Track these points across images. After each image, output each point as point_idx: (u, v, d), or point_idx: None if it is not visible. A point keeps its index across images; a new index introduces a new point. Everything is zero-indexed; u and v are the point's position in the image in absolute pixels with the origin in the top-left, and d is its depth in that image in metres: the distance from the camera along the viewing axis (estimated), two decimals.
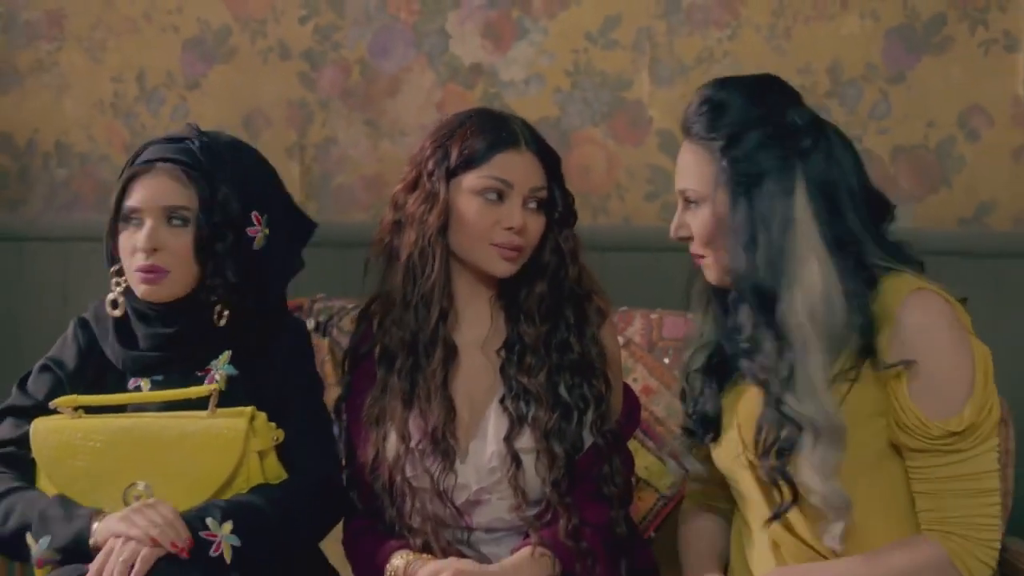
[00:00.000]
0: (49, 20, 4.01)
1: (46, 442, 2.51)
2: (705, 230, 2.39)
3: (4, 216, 4.07)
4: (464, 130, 2.61)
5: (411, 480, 2.53)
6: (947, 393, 2.29)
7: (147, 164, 2.60)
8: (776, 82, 2.50)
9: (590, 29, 3.76)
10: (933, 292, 2.33)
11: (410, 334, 2.59)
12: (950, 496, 2.30)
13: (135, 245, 2.57)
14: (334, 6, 3.86)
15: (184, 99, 3.95)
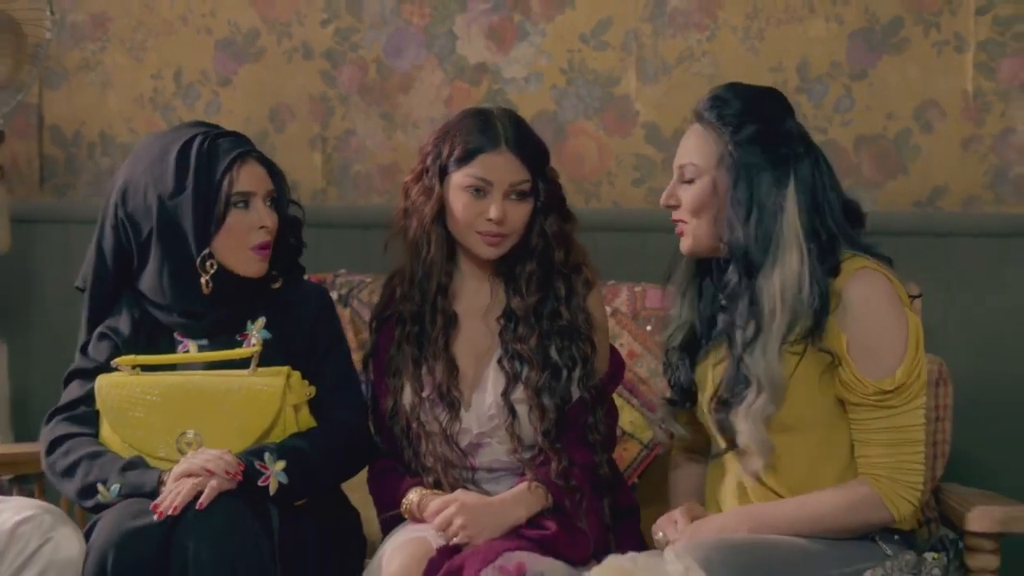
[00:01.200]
0: (94, 23, 4.14)
1: (108, 395, 2.78)
2: (696, 201, 2.63)
3: (53, 201, 4.19)
4: (455, 132, 2.82)
5: (424, 425, 2.79)
6: (882, 357, 2.53)
7: (244, 155, 2.81)
8: (779, 95, 2.73)
9: (583, 31, 3.87)
10: (875, 270, 2.58)
11: (416, 305, 2.84)
12: (881, 445, 2.54)
13: (251, 224, 2.78)
14: (353, 10, 3.98)
15: (217, 94, 4.07)
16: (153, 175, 2.79)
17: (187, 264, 2.79)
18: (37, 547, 2.52)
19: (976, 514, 2.65)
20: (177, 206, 2.78)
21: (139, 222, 2.81)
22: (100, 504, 2.68)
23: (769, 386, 2.53)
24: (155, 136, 2.95)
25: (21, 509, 2.57)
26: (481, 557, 2.52)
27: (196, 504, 2.55)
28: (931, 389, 3.00)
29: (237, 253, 2.79)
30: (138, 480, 2.66)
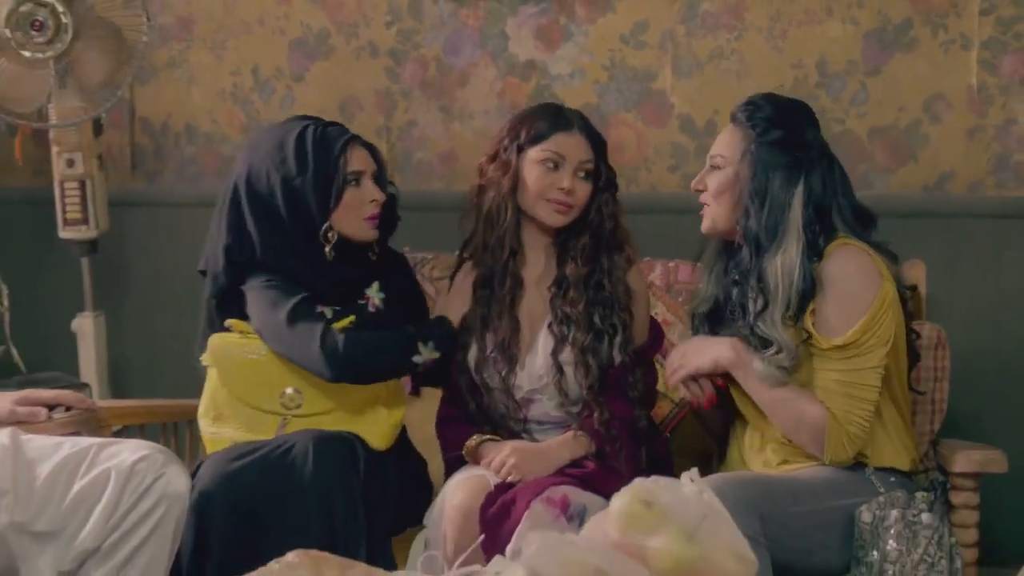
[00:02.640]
0: (180, 25, 4.36)
1: (220, 353, 3.13)
2: (719, 187, 2.96)
3: (142, 186, 4.44)
4: (532, 116, 3.13)
5: (486, 381, 3.10)
6: (839, 319, 2.84)
7: (352, 140, 3.11)
8: (806, 108, 3.04)
9: (623, 32, 4.05)
10: (853, 246, 2.89)
11: (487, 270, 3.14)
12: (834, 395, 2.84)
13: (363, 198, 3.09)
14: (414, 13, 4.17)
15: (291, 89, 4.29)
16: (274, 161, 3.08)
17: (312, 236, 3.08)
18: (152, 481, 2.82)
19: (958, 457, 2.96)
20: (300, 186, 3.06)
21: (265, 203, 3.09)
22: (416, 364, 3.04)
23: (786, 348, 2.85)
24: (269, 128, 3.25)
25: (137, 449, 2.87)
26: (531, 490, 2.83)
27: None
28: (930, 352, 3.25)
29: (353, 223, 3.10)
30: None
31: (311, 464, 2.91)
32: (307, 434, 2.98)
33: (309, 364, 3.04)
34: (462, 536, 2.84)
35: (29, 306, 4.12)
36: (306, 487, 2.89)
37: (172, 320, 4.39)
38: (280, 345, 3.07)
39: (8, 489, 2.81)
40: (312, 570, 2.29)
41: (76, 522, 2.83)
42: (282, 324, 3.04)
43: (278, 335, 3.06)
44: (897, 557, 2.73)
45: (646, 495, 2.16)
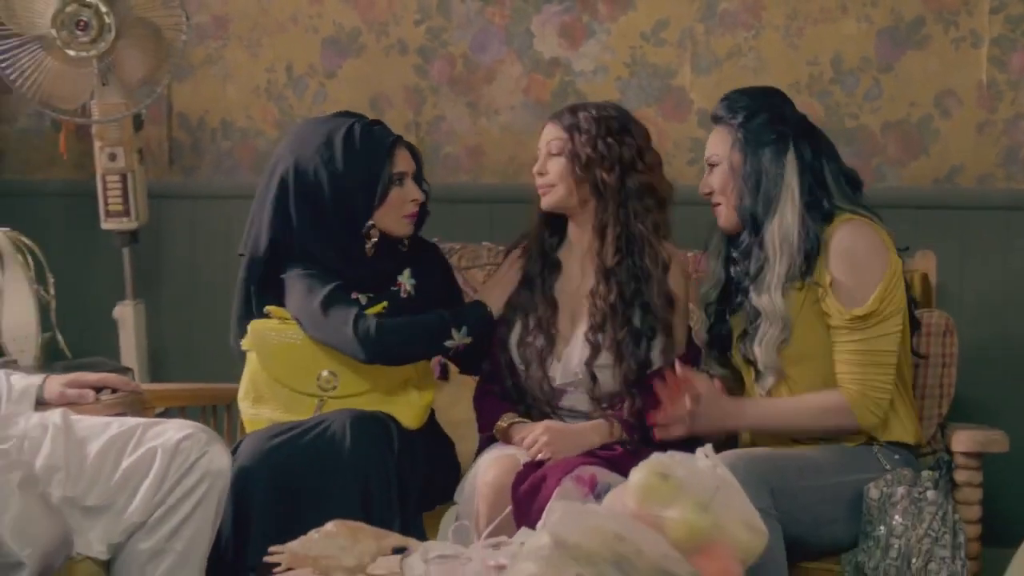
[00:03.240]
0: (216, 23, 4.45)
1: (259, 337, 3.28)
2: (721, 182, 3.13)
3: (180, 179, 4.53)
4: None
5: (526, 359, 3.23)
6: (858, 289, 2.98)
7: (396, 141, 3.26)
8: (777, 90, 3.21)
9: (644, 30, 4.15)
10: (861, 220, 3.03)
11: (535, 253, 3.32)
12: (855, 364, 2.99)
13: (405, 198, 3.24)
14: (443, 11, 4.27)
15: (323, 85, 4.38)
16: (323, 157, 3.22)
17: (354, 231, 3.24)
18: (196, 459, 2.98)
19: (962, 437, 3.10)
20: (347, 184, 3.20)
21: (311, 197, 3.22)
22: (448, 348, 3.21)
23: (774, 317, 3.00)
24: (313, 123, 3.37)
25: (182, 428, 3.03)
26: (560, 469, 2.96)
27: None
28: (938, 339, 3.38)
29: (394, 220, 3.26)
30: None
31: (348, 441, 3.06)
32: (344, 413, 3.13)
33: (344, 347, 3.19)
34: (494, 512, 2.96)
35: (73, 295, 4.20)
36: (343, 463, 3.04)
37: (208, 308, 4.50)
38: (316, 331, 3.22)
39: (60, 466, 2.97)
40: (350, 538, 2.46)
41: (124, 497, 2.99)
42: (317, 311, 3.19)
43: (314, 321, 3.21)
44: (903, 532, 2.87)
45: (662, 468, 2.32)
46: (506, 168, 4.29)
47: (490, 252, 3.84)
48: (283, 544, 2.55)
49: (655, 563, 2.08)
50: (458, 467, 3.36)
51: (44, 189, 4.64)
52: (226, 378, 3.85)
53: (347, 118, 3.31)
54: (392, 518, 2.98)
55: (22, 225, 4.07)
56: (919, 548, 2.86)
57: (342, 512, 2.70)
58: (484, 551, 2.40)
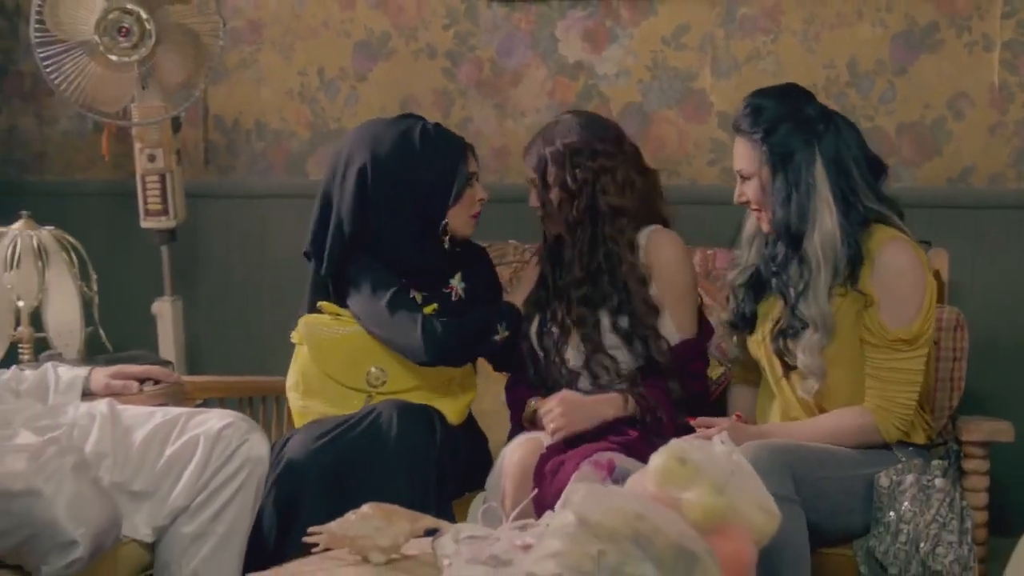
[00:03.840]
0: (251, 28, 4.59)
1: (310, 332, 3.41)
2: (756, 196, 3.19)
3: (215, 179, 4.66)
4: None
5: (544, 348, 3.40)
6: (904, 311, 3.07)
7: (465, 145, 3.40)
8: (796, 88, 3.23)
9: (665, 34, 4.23)
10: (905, 241, 3.11)
11: (550, 263, 3.46)
12: (885, 381, 3.09)
13: (474, 197, 3.38)
14: (470, 17, 4.38)
15: (355, 88, 4.50)
16: (403, 157, 3.34)
17: (429, 228, 3.35)
18: (237, 446, 3.12)
19: (969, 427, 3.21)
20: (427, 183, 3.33)
21: (391, 195, 3.33)
22: (496, 342, 3.36)
23: (822, 325, 3.08)
24: (383, 123, 3.46)
25: (223, 417, 3.17)
26: (580, 454, 3.10)
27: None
28: (949, 334, 3.46)
29: (462, 220, 3.40)
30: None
31: (396, 429, 3.19)
32: (392, 403, 3.26)
33: (407, 347, 3.32)
34: (519, 491, 3.12)
35: (113, 291, 4.34)
36: (391, 450, 3.17)
37: (241, 304, 4.66)
38: (380, 329, 3.35)
39: (108, 453, 3.11)
40: (385, 520, 2.59)
41: (168, 482, 3.12)
42: (383, 311, 3.32)
43: (379, 320, 3.34)
44: (911, 517, 2.98)
45: (681, 453, 2.44)
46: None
47: (516, 250, 3.94)
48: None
49: (673, 541, 2.21)
50: (490, 461, 3.46)
51: (85, 189, 4.78)
52: (258, 371, 4.05)
53: (417, 120, 3.44)
54: (429, 504, 3.10)
55: (64, 224, 4.25)
56: (927, 533, 2.97)
57: (387, 496, 2.80)
58: (511, 532, 2.53)
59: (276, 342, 3.82)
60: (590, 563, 2.15)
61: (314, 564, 2.64)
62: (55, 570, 2.81)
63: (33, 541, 2.79)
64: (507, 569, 2.37)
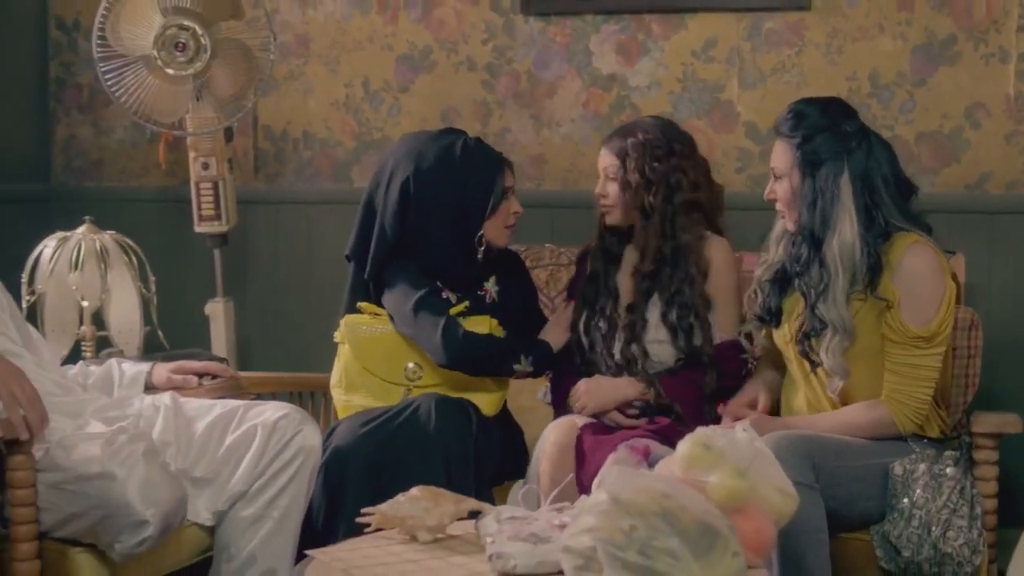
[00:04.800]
0: (298, 42, 4.73)
1: (350, 330, 3.60)
2: (785, 196, 3.36)
3: (264, 186, 4.81)
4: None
5: (591, 341, 3.58)
6: (923, 311, 3.23)
7: (502, 161, 3.57)
8: (839, 103, 3.40)
9: (695, 48, 4.36)
10: (925, 244, 3.27)
11: (599, 262, 3.65)
12: (902, 376, 3.25)
13: (509, 210, 3.55)
14: (508, 31, 4.51)
15: (397, 99, 4.64)
16: (445, 169, 3.53)
17: (466, 237, 3.55)
18: (292, 436, 3.33)
19: (979, 419, 3.37)
20: (465, 195, 3.52)
21: (431, 206, 3.52)
22: (514, 371, 3.53)
23: (841, 327, 3.25)
24: (426, 136, 3.65)
25: (279, 409, 3.38)
26: (618, 438, 3.29)
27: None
28: (964, 333, 3.60)
29: (498, 231, 3.59)
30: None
31: (433, 421, 3.37)
32: (430, 397, 3.45)
33: (427, 348, 3.52)
34: (556, 470, 3.32)
35: (169, 292, 4.50)
36: (429, 440, 3.36)
37: (289, 304, 4.81)
38: (406, 328, 3.56)
39: (172, 441, 3.33)
40: (432, 502, 2.80)
41: (228, 469, 3.35)
42: (410, 311, 3.53)
43: (405, 319, 3.55)
44: (924, 504, 3.17)
45: (705, 440, 2.65)
46: (566, 176, 4.54)
47: (552, 253, 4.10)
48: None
49: (697, 517, 2.41)
50: (526, 451, 3.64)
51: (140, 195, 4.95)
52: (304, 368, 4.25)
53: (457, 134, 3.63)
54: (468, 491, 3.25)
55: (121, 228, 4.40)
56: (938, 518, 3.15)
57: (426, 484, 2.96)
58: (549, 513, 2.73)
59: (320, 340, 3.99)
60: (622, 537, 2.36)
61: (367, 542, 2.85)
62: (127, 548, 3.03)
63: (107, 521, 3.01)
64: (545, 545, 2.58)
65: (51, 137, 5.08)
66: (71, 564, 3.11)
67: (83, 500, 3.02)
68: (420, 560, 2.71)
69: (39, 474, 3.05)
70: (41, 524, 3.08)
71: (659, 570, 2.34)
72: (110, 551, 3.08)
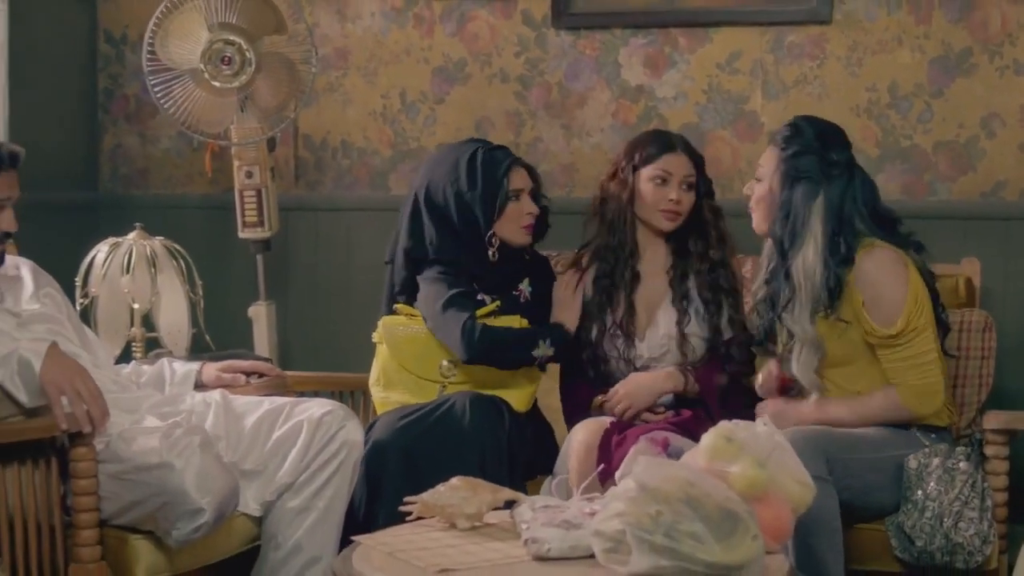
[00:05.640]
0: (338, 55, 4.86)
1: (388, 331, 3.77)
2: (758, 196, 3.55)
3: (305, 193, 4.93)
4: (644, 142, 3.75)
5: (606, 351, 3.72)
6: (886, 309, 3.38)
7: (513, 162, 3.70)
8: (836, 132, 3.54)
9: (719, 60, 4.48)
10: (880, 247, 3.40)
11: (609, 266, 3.76)
12: (900, 371, 3.41)
13: (520, 211, 3.68)
14: (540, 44, 4.64)
15: (433, 110, 4.76)
16: (450, 178, 3.71)
17: (479, 239, 3.71)
18: (336, 431, 3.50)
19: (990, 416, 3.52)
20: (469, 200, 3.68)
21: (440, 211, 3.71)
22: (535, 357, 3.65)
23: (807, 341, 3.42)
24: (447, 148, 3.85)
25: (323, 405, 3.56)
26: (639, 431, 3.45)
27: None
28: (979, 335, 3.77)
29: (512, 231, 3.73)
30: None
31: (468, 418, 3.54)
32: (465, 394, 3.62)
33: (452, 346, 3.69)
34: (583, 466, 3.47)
35: (214, 296, 4.65)
36: (463, 436, 3.52)
37: (328, 307, 4.94)
38: (434, 327, 3.73)
39: (222, 435, 3.51)
40: (470, 491, 2.97)
41: (275, 462, 3.52)
42: (438, 311, 3.69)
43: (433, 318, 3.72)
44: (937, 496, 3.33)
45: (728, 433, 2.82)
46: (596, 183, 4.39)
47: None
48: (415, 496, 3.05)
49: (719, 503, 2.58)
50: (557, 447, 3.78)
51: (183, 202, 5.08)
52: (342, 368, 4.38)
53: (475, 144, 3.80)
54: (502, 484, 3.32)
55: (166, 234, 4.56)
56: (950, 510, 3.31)
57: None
58: (580, 502, 2.91)
59: (357, 342, 4.14)
60: (649, 521, 2.54)
61: (408, 529, 3.02)
62: (183, 534, 3.21)
63: (165, 508, 3.20)
64: (577, 531, 2.75)
65: (99, 146, 5.22)
66: (130, 550, 3.30)
67: (143, 489, 3.20)
68: (459, 545, 2.88)
69: (100, 465, 3.23)
70: (102, 512, 3.26)
71: (684, 552, 2.51)
72: (167, 538, 3.26)
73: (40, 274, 3.65)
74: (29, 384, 3.21)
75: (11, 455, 3.19)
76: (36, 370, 3.20)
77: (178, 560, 3.35)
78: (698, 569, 2.51)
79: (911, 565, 3.38)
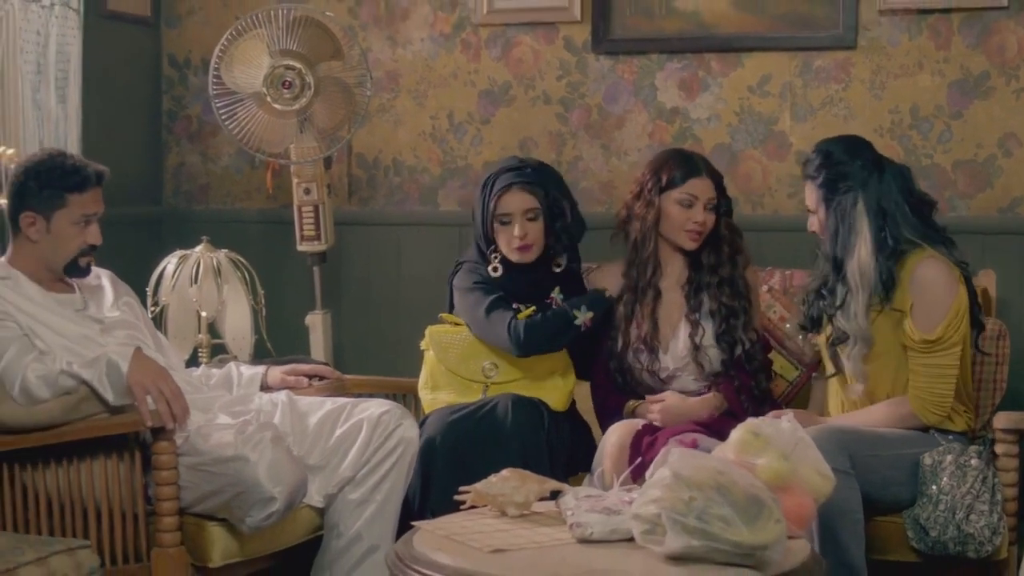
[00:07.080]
0: (389, 78, 5.05)
1: (434, 338, 4.03)
2: (817, 227, 3.78)
3: (357, 209, 5.11)
4: (669, 165, 3.93)
5: (631, 364, 3.94)
6: (931, 317, 3.61)
7: (507, 187, 3.89)
8: (852, 140, 3.77)
9: (751, 84, 4.65)
10: (937, 258, 3.64)
11: (633, 282, 3.97)
12: (923, 376, 3.64)
13: (510, 235, 3.89)
14: (580, 68, 4.80)
15: (479, 130, 4.94)
16: (476, 199, 4.03)
17: (483, 254, 4.01)
18: (393, 428, 3.76)
19: (1000, 417, 3.73)
20: (475, 220, 4.00)
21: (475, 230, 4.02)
22: (578, 326, 3.86)
23: (860, 337, 3.66)
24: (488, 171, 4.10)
25: (382, 405, 3.82)
26: (669, 433, 3.70)
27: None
28: (993, 342, 3.98)
29: (508, 250, 3.96)
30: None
31: (510, 419, 3.78)
32: (506, 397, 3.86)
33: (501, 346, 3.94)
34: (617, 466, 3.70)
35: (273, 305, 4.84)
36: (506, 436, 3.77)
37: (379, 316, 5.14)
38: (480, 331, 3.98)
39: (289, 432, 3.78)
40: (519, 481, 3.24)
41: (337, 458, 3.78)
42: (482, 317, 3.95)
43: (478, 324, 3.98)
44: (950, 490, 3.57)
45: (754, 428, 3.08)
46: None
47: None
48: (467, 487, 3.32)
49: (746, 490, 2.85)
50: (594, 445, 4.00)
51: (242, 217, 5.28)
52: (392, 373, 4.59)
53: (504, 163, 4.05)
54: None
55: (228, 247, 4.77)
56: (962, 503, 3.55)
57: None
58: (619, 492, 3.18)
59: (407, 349, 4.36)
60: (683, 506, 2.81)
61: (463, 517, 3.28)
62: (256, 521, 3.48)
63: (240, 498, 3.47)
64: (617, 516, 3.02)
65: (163, 164, 5.43)
66: (207, 536, 3.57)
67: (219, 479, 3.47)
68: (510, 530, 3.14)
69: (180, 458, 3.50)
70: (181, 501, 3.52)
71: (714, 533, 2.78)
72: (241, 525, 3.53)
73: (119, 283, 3.91)
74: (116, 384, 3.47)
75: (99, 449, 3.47)
76: (123, 372, 3.45)
77: (249, 546, 3.61)
78: (727, 548, 2.78)
79: (926, 555, 3.61)
